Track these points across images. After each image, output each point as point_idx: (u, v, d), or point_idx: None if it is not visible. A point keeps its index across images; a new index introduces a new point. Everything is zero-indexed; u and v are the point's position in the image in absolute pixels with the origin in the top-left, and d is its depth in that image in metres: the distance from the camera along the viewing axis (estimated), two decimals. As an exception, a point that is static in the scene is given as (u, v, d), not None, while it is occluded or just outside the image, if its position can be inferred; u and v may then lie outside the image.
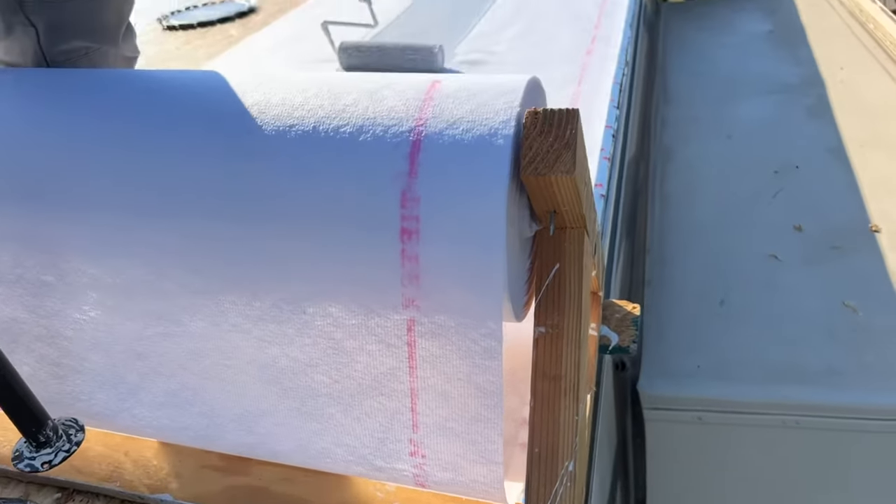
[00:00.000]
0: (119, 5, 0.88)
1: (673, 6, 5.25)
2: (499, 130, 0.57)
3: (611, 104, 1.62)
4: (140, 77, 0.72)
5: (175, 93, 0.68)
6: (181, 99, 0.67)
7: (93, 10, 0.84)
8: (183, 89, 0.68)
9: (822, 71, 3.09)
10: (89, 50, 0.85)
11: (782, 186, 2.18)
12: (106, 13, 0.85)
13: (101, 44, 0.86)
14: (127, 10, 0.90)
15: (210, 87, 0.68)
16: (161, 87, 0.69)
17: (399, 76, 0.66)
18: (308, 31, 2.26)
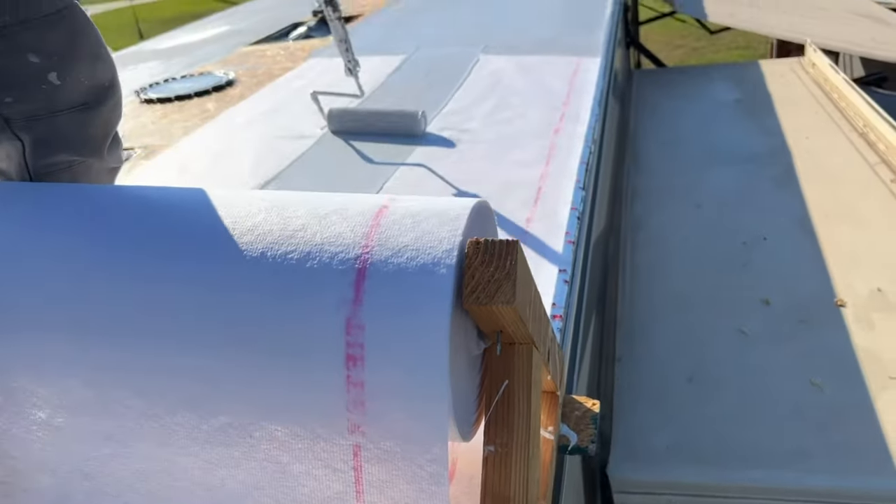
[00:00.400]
0: (106, 119, 0.88)
1: (645, 73, 5.41)
2: (442, 260, 0.58)
3: (576, 185, 1.66)
4: (94, 193, 0.73)
5: (126, 211, 0.69)
6: (131, 218, 0.68)
7: (80, 124, 0.84)
8: (135, 208, 0.69)
9: (789, 140, 3.18)
10: (73, 163, 0.85)
11: (750, 258, 2.22)
12: (93, 127, 0.85)
13: (86, 157, 0.86)
14: (113, 124, 0.90)
15: (164, 206, 0.69)
16: (113, 204, 0.70)
17: (348, 199, 0.67)
18: (283, 106, 2.30)
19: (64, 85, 0.80)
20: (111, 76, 0.87)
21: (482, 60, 2.70)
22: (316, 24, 3.63)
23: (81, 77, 0.82)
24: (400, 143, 1.96)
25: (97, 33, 0.85)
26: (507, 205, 1.59)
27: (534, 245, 1.40)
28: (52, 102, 0.80)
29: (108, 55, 0.87)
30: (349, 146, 1.96)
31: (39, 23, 0.77)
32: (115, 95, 0.88)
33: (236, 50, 3.24)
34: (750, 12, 5.72)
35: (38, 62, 0.77)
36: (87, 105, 0.83)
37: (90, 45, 0.84)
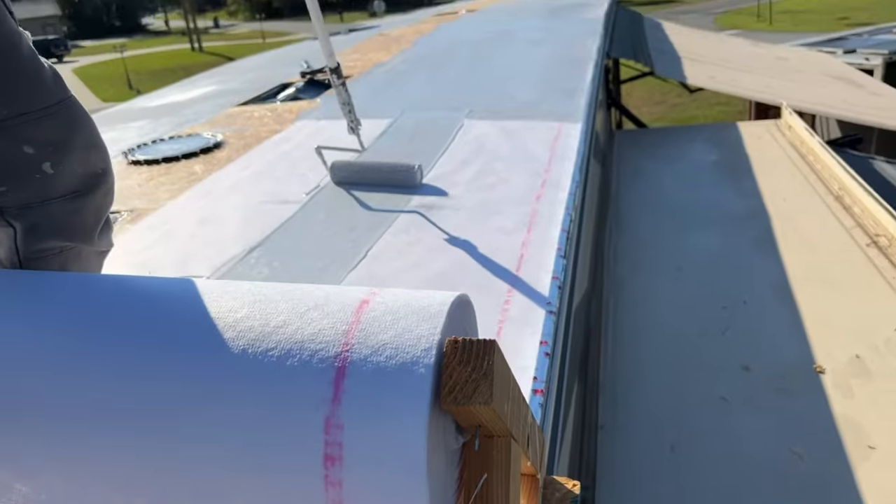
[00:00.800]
0: (98, 206, 0.88)
1: (626, 133, 5.54)
2: (420, 359, 0.60)
3: (558, 253, 1.68)
4: (80, 283, 0.74)
5: (109, 303, 0.70)
6: (114, 311, 0.68)
7: (72, 211, 0.84)
8: (118, 300, 0.70)
9: (767, 202, 3.25)
10: (64, 248, 0.86)
11: (731, 323, 2.25)
12: (85, 214, 0.86)
13: (77, 243, 0.87)
14: (105, 210, 0.91)
15: (147, 298, 0.70)
16: (97, 295, 0.71)
17: (330, 292, 0.69)
18: (270, 170, 2.33)
19: (57, 174, 0.81)
20: (104, 163, 0.89)
21: (466, 125, 2.75)
22: (304, 86, 3.70)
23: (75, 166, 0.83)
24: (398, 192, 2.06)
25: (92, 123, 0.87)
26: (490, 272, 1.60)
27: (515, 316, 1.41)
28: (45, 191, 0.81)
29: (102, 143, 0.89)
30: (350, 195, 2.05)
31: (36, 115, 0.79)
32: (108, 182, 0.90)
33: (224, 110, 3.29)
34: (728, 75, 5.90)
35: (32, 153, 0.79)
36: (80, 192, 0.84)
37: (85, 135, 0.86)
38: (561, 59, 3.98)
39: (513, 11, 7.10)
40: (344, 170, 2.15)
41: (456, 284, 1.53)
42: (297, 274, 1.62)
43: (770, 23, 28.37)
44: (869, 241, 2.69)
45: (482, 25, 5.81)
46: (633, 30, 7.41)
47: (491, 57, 4.15)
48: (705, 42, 8.46)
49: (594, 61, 3.77)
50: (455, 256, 1.69)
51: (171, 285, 0.73)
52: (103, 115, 3.93)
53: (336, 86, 2.08)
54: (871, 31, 11.49)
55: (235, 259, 1.69)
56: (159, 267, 1.69)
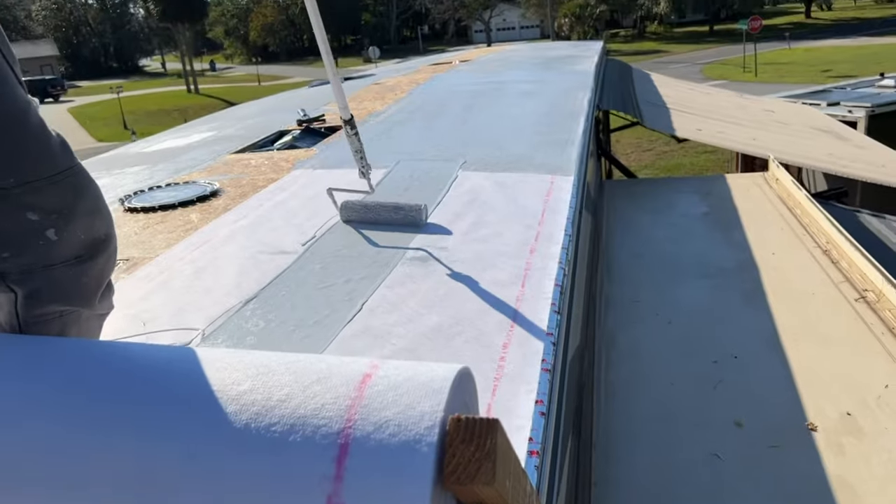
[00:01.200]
0: (100, 270, 0.88)
1: (616, 184, 5.61)
2: (423, 437, 0.60)
3: (552, 309, 1.69)
4: (81, 351, 0.75)
5: (107, 372, 0.70)
6: (113, 381, 0.69)
7: (74, 276, 0.84)
8: (118, 369, 0.70)
9: (755, 255, 3.28)
10: (64, 312, 0.85)
11: (722, 377, 2.25)
12: (87, 278, 0.86)
13: (78, 307, 0.87)
14: (107, 274, 0.91)
15: (149, 368, 0.70)
16: (94, 364, 0.72)
17: (333, 364, 0.69)
18: (266, 220, 2.34)
19: (61, 240, 0.82)
20: (108, 229, 0.89)
21: (461, 176, 2.79)
22: (300, 134, 3.75)
23: (79, 232, 0.84)
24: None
25: (97, 190, 0.88)
26: (484, 327, 1.61)
27: (511, 373, 1.42)
28: (47, 257, 0.81)
29: (107, 209, 0.90)
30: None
31: (41, 183, 0.79)
32: (111, 247, 0.90)
33: (221, 157, 3.33)
34: (716, 126, 6.02)
35: (36, 220, 0.79)
36: (82, 258, 0.85)
37: (89, 203, 0.86)
38: (553, 111, 4.05)
39: (505, 62, 7.25)
40: (353, 209, 2.28)
41: (451, 339, 1.54)
42: (292, 327, 1.62)
43: (755, 74, 29.04)
44: (857, 295, 2.73)
45: (475, 76, 5.93)
46: (622, 81, 7.57)
47: (484, 108, 4.23)
48: (693, 93, 8.65)
49: (585, 114, 3.84)
50: (450, 310, 1.70)
51: (172, 354, 0.74)
52: (100, 159, 3.95)
53: (349, 135, 2.21)
54: (854, 84, 11.78)
55: (231, 311, 1.69)
56: (154, 318, 1.69)
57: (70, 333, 0.87)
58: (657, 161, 15.83)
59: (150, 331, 1.62)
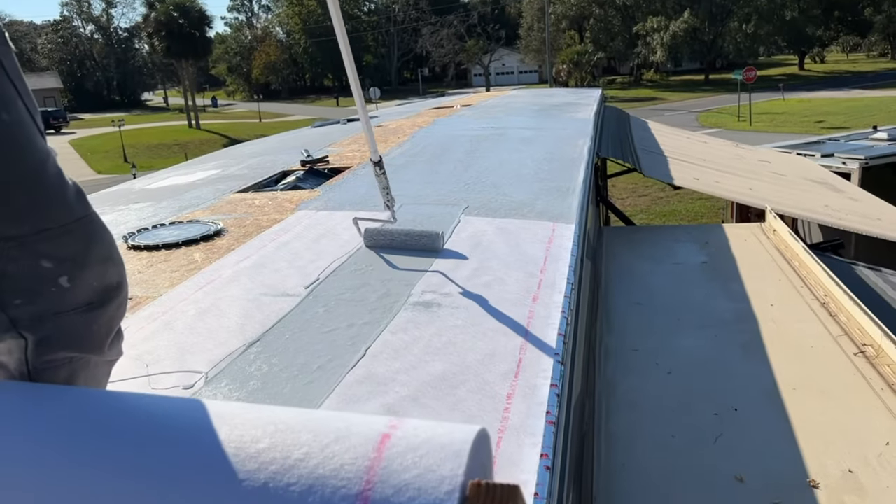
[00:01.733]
0: (111, 317, 0.88)
1: (615, 230, 5.65)
2: (443, 502, 0.60)
3: (555, 360, 1.70)
4: (88, 401, 0.75)
5: (120, 427, 0.70)
6: (126, 436, 0.69)
7: (85, 323, 0.84)
8: (131, 424, 0.70)
9: (754, 306, 3.29)
10: (73, 359, 0.85)
11: (722, 431, 2.24)
12: (97, 326, 0.86)
13: (87, 353, 0.87)
14: (118, 321, 0.90)
15: (163, 422, 0.70)
16: (106, 418, 0.71)
17: (351, 422, 0.70)
18: (270, 261, 2.35)
19: (73, 287, 0.82)
20: (120, 276, 0.89)
21: (463, 221, 2.81)
22: (304, 175, 3.79)
23: (91, 279, 0.84)
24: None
25: (111, 238, 0.89)
26: (488, 377, 1.61)
27: (515, 425, 1.41)
28: (59, 304, 0.81)
29: (119, 256, 0.90)
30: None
31: (56, 232, 0.80)
32: (122, 294, 0.90)
33: (225, 196, 3.35)
34: (712, 176, 6.09)
35: (50, 267, 0.79)
36: (93, 305, 0.85)
37: (102, 251, 0.86)
38: (554, 158, 4.10)
39: (506, 108, 7.36)
40: (375, 235, 2.47)
41: (455, 388, 1.54)
42: (295, 372, 1.62)
43: (750, 123, 29.49)
44: (856, 350, 2.73)
45: (477, 121, 6.01)
46: (620, 128, 7.68)
47: (486, 153, 4.28)
48: (689, 142, 8.77)
49: (585, 162, 3.90)
50: (454, 358, 1.70)
51: (188, 408, 0.74)
52: (104, 195, 3.97)
53: (378, 175, 2.44)
54: (847, 136, 11.97)
55: (234, 355, 1.69)
56: (157, 360, 1.68)
57: (79, 379, 0.87)
58: (652, 206, 15.98)
59: (153, 373, 1.62)
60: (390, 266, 2.32)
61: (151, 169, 20.18)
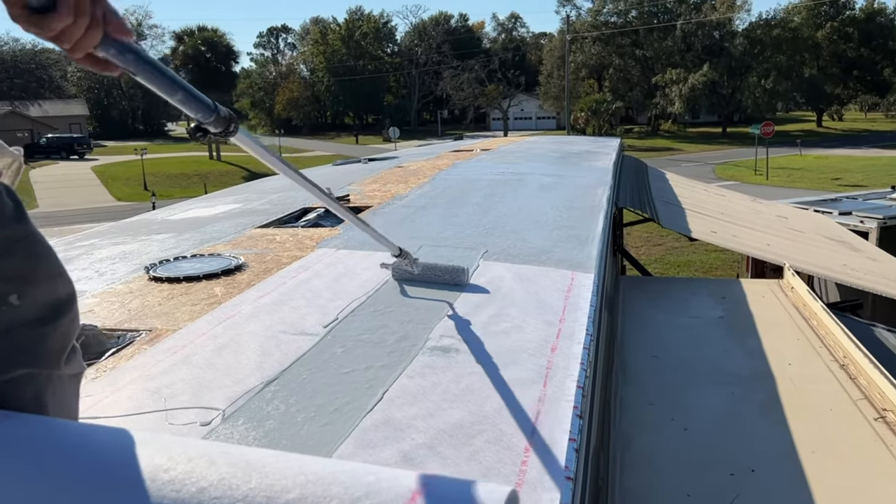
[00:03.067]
0: (64, 332, 0.91)
1: (631, 280, 5.64)
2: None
3: (574, 413, 1.68)
4: (126, 444, 0.75)
5: (158, 468, 0.70)
6: (157, 486, 0.69)
7: (37, 338, 0.87)
8: (160, 471, 0.70)
9: (772, 365, 3.26)
10: (33, 375, 0.87)
11: (740, 491, 2.20)
12: (50, 340, 0.88)
13: (45, 369, 0.89)
14: (71, 336, 0.93)
15: (193, 470, 0.70)
16: (134, 456, 0.71)
17: (382, 478, 0.69)
18: (289, 299, 2.36)
19: (23, 304, 0.84)
20: (69, 292, 0.92)
21: (482, 266, 2.82)
22: (325, 212, 3.82)
23: (40, 296, 0.87)
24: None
25: (54, 254, 0.92)
26: (506, 428, 1.60)
27: (533, 479, 1.40)
28: (9, 320, 0.83)
29: (66, 273, 0.93)
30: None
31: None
32: (73, 310, 0.93)
33: (246, 231, 3.38)
34: (729, 230, 6.08)
35: None
36: (45, 320, 0.87)
37: (50, 267, 0.90)
38: (573, 205, 4.12)
39: (525, 154, 7.42)
40: (403, 270, 2.55)
41: (473, 438, 1.52)
42: (312, 413, 1.61)
43: (766, 178, 29.51)
44: (877, 415, 2.69)
45: (497, 167, 6.06)
46: (637, 178, 7.71)
47: (505, 198, 4.30)
48: (707, 195, 8.78)
49: (605, 211, 3.91)
50: (471, 406, 1.69)
51: (220, 453, 0.74)
52: (126, 224, 4.02)
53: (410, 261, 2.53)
54: (865, 194, 11.94)
55: (252, 392, 1.69)
56: (175, 395, 1.68)
57: (46, 397, 0.88)
58: (667, 256, 15.94)
59: (171, 408, 1.62)
60: (409, 308, 2.33)
61: (171, 198, 20.44)
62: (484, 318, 2.30)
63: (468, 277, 2.57)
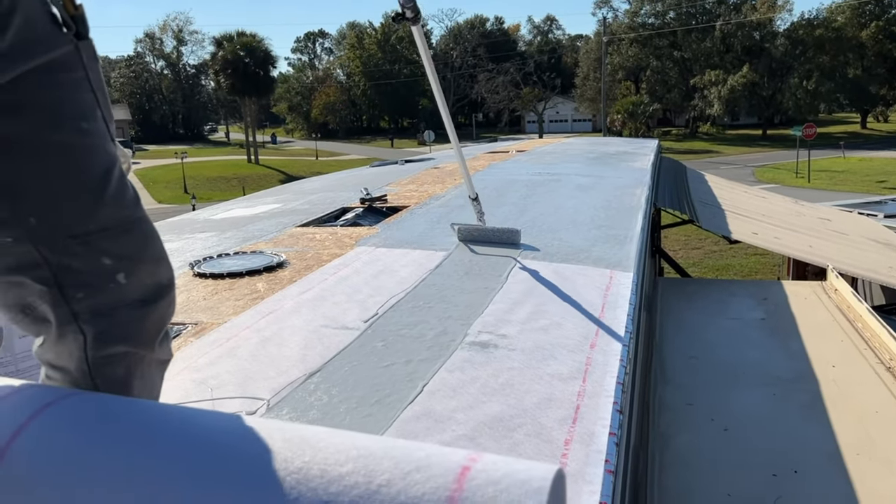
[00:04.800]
0: (161, 315, 0.96)
1: (670, 282, 5.58)
2: (525, 537, 0.61)
3: (614, 408, 1.68)
4: (173, 418, 0.78)
5: (205, 444, 0.72)
6: (216, 455, 0.71)
7: (138, 318, 0.92)
8: (219, 445, 0.73)
9: (814, 366, 3.20)
10: (128, 354, 0.92)
11: (781, 493, 2.17)
12: (149, 322, 0.94)
13: (140, 349, 0.94)
14: (167, 319, 0.99)
15: (250, 445, 0.72)
16: (190, 435, 0.74)
17: (431, 453, 0.71)
18: (330, 294, 2.40)
19: (129, 284, 0.90)
20: (170, 276, 0.98)
21: (519, 264, 2.82)
22: (363, 212, 3.86)
23: (144, 277, 0.92)
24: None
25: (160, 239, 0.97)
26: (545, 422, 1.60)
27: (574, 472, 1.40)
28: (116, 298, 0.89)
29: (168, 258, 0.99)
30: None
31: (116, 231, 0.88)
32: (171, 294, 0.98)
33: (287, 230, 3.44)
34: (771, 232, 5.98)
35: (109, 264, 0.88)
36: (146, 301, 0.92)
37: (155, 250, 0.95)
38: (610, 206, 4.10)
39: (562, 155, 7.40)
40: (466, 231, 3.14)
41: (512, 431, 1.53)
42: (354, 405, 1.64)
43: (808, 180, 28.89)
44: (925, 418, 2.62)
45: (533, 167, 6.06)
46: (676, 180, 7.63)
47: (542, 198, 4.30)
48: (747, 196, 8.64)
49: (643, 211, 3.88)
50: (510, 400, 1.70)
51: (273, 429, 0.76)
52: (170, 223, 4.12)
53: (474, 205, 3.16)
54: (911, 197, 11.61)
55: (296, 384, 1.72)
56: (221, 385, 1.73)
57: (135, 377, 0.94)
58: (705, 259, 15.70)
59: (217, 397, 1.66)
60: (447, 305, 2.34)
61: (210, 201, 20.81)
62: (522, 315, 2.30)
63: (520, 237, 3.06)
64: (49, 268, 0.84)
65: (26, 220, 0.81)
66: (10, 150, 0.79)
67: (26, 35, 0.78)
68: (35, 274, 0.84)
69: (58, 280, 0.85)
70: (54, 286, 0.85)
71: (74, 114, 0.83)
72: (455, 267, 2.81)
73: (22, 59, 0.78)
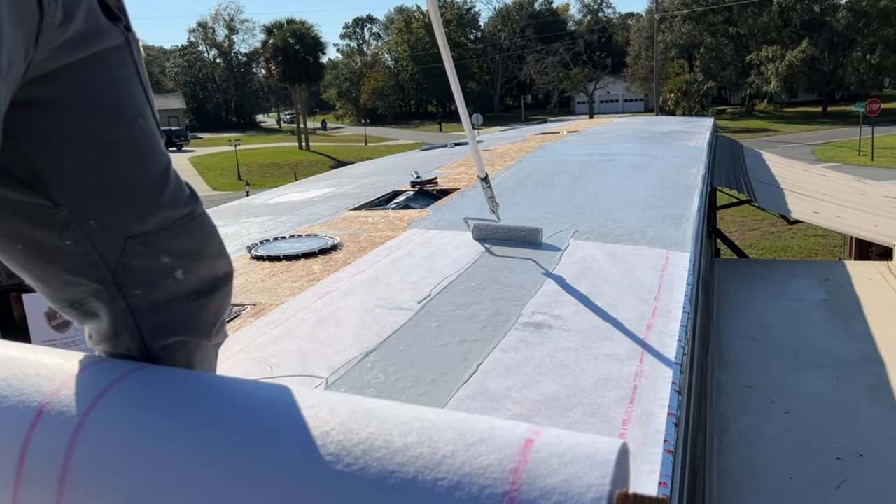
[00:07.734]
0: (218, 306, 0.96)
1: (726, 262, 5.45)
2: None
3: (672, 388, 1.65)
4: (245, 391, 0.80)
5: (272, 417, 0.74)
6: (281, 427, 0.73)
7: (195, 310, 0.92)
8: (287, 416, 0.74)
9: (881, 348, 3.09)
10: (186, 343, 0.93)
11: (846, 477, 2.11)
12: (205, 313, 0.93)
13: (197, 338, 0.94)
14: (224, 310, 0.98)
15: (316, 415, 0.74)
16: (265, 406, 0.76)
17: (494, 426, 0.71)
18: (384, 276, 2.42)
19: (186, 279, 0.90)
20: (227, 269, 0.97)
21: (572, 245, 2.80)
22: (414, 195, 3.88)
23: (202, 272, 0.92)
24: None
25: (218, 233, 0.97)
26: (602, 401, 1.59)
27: (632, 451, 1.38)
28: (173, 293, 0.89)
29: (226, 250, 0.98)
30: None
31: (176, 231, 0.88)
32: (228, 286, 0.98)
33: (340, 213, 3.48)
34: (832, 210, 5.78)
35: (168, 262, 0.88)
36: (202, 294, 0.93)
37: (214, 246, 0.95)
38: (665, 185, 4.02)
39: (614, 135, 7.28)
40: (483, 229, 2.85)
41: (569, 411, 1.53)
42: (410, 383, 1.65)
43: (872, 158, 27.74)
44: None
45: (584, 147, 5.98)
46: (733, 158, 7.42)
47: (595, 179, 4.24)
48: (807, 175, 8.36)
49: (699, 190, 3.79)
50: (566, 380, 1.69)
51: (338, 402, 0.78)
52: (227, 207, 4.22)
53: (485, 188, 2.79)
54: None
55: (353, 363, 1.75)
56: (280, 363, 1.76)
57: (194, 361, 0.94)
58: (763, 241, 15.28)
59: (277, 376, 1.70)
60: (500, 286, 2.34)
61: (263, 187, 21.19)
62: (576, 296, 2.29)
63: (541, 237, 2.78)
64: (107, 268, 0.83)
65: (87, 222, 0.80)
66: (72, 147, 0.77)
67: (90, 24, 0.76)
68: (93, 274, 0.83)
69: (116, 279, 0.84)
70: (112, 285, 0.85)
71: (131, 110, 0.81)
72: (508, 247, 2.80)
73: (84, 49, 0.76)
